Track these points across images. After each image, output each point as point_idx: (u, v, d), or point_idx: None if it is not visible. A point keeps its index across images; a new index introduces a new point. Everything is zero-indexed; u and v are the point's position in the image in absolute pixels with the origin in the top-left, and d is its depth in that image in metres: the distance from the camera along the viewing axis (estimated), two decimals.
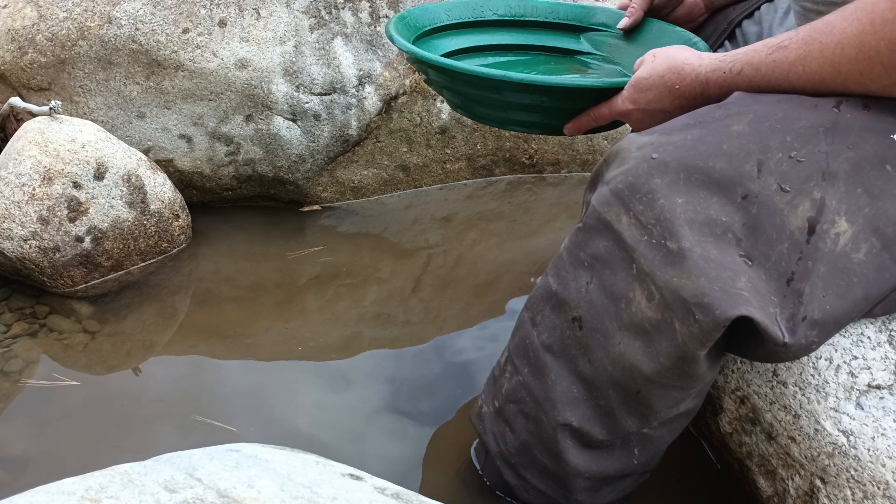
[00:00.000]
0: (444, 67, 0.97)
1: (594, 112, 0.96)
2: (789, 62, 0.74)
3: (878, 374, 0.77)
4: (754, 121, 0.73)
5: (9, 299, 1.25)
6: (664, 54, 0.87)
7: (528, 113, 1.00)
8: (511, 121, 1.03)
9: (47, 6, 1.41)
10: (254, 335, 1.22)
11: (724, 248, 0.70)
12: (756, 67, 0.77)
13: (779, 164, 0.71)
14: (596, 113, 0.96)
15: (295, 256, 1.42)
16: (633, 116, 0.91)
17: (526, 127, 1.05)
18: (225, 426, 1.03)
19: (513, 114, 1.01)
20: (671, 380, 0.74)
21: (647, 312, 0.72)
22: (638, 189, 0.73)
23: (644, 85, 0.87)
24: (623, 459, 0.83)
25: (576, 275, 0.79)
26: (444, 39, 1.18)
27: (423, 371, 1.16)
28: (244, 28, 1.43)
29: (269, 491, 0.53)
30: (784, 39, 0.75)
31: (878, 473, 0.74)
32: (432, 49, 1.13)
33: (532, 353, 0.83)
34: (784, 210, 0.70)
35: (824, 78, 0.73)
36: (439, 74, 1.01)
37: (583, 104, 0.97)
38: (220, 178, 1.51)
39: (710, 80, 0.81)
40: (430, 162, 1.64)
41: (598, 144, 1.75)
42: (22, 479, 0.94)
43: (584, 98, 0.96)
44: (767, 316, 0.68)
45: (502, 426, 0.88)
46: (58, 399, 1.07)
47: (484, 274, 1.40)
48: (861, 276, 0.70)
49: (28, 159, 1.24)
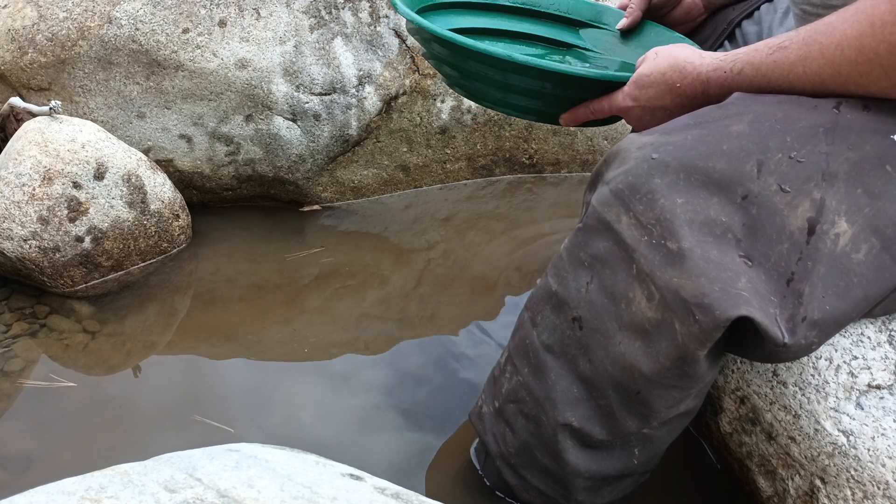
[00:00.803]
0: (450, 42, 0.95)
1: (593, 105, 0.96)
2: (789, 63, 0.74)
3: (878, 374, 0.77)
4: (754, 121, 0.73)
5: (9, 299, 1.25)
6: (666, 52, 0.87)
7: (527, 97, 0.99)
8: (508, 103, 1.02)
9: (47, 6, 1.41)
10: (254, 335, 1.22)
11: (724, 248, 0.70)
12: (756, 67, 0.77)
13: (779, 164, 0.71)
14: (595, 106, 0.96)
15: (295, 257, 1.42)
16: (633, 113, 0.91)
17: (522, 112, 1.04)
18: (223, 426, 1.03)
19: (512, 97, 1.00)
20: (671, 380, 0.74)
21: (647, 312, 0.72)
22: (638, 189, 0.73)
23: (645, 82, 0.87)
24: (623, 459, 0.83)
25: (576, 275, 0.79)
26: (442, 17, 1.17)
27: (423, 371, 1.16)
28: (244, 28, 1.43)
29: (269, 491, 0.53)
30: (784, 40, 0.75)
31: (878, 473, 0.74)
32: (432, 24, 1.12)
33: (532, 354, 0.83)
34: (784, 210, 0.70)
35: (824, 79, 0.73)
36: (443, 48, 1.00)
37: (584, 95, 0.96)
38: (220, 178, 1.51)
39: (710, 79, 0.81)
40: (430, 162, 1.64)
41: (598, 144, 1.75)
42: (22, 479, 0.94)
43: (586, 89, 0.95)
44: (767, 316, 0.68)
45: (502, 426, 0.88)
46: (57, 399, 1.07)
47: (484, 274, 1.40)
48: (861, 277, 0.70)
49: (28, 159, 1.24)
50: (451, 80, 1.10)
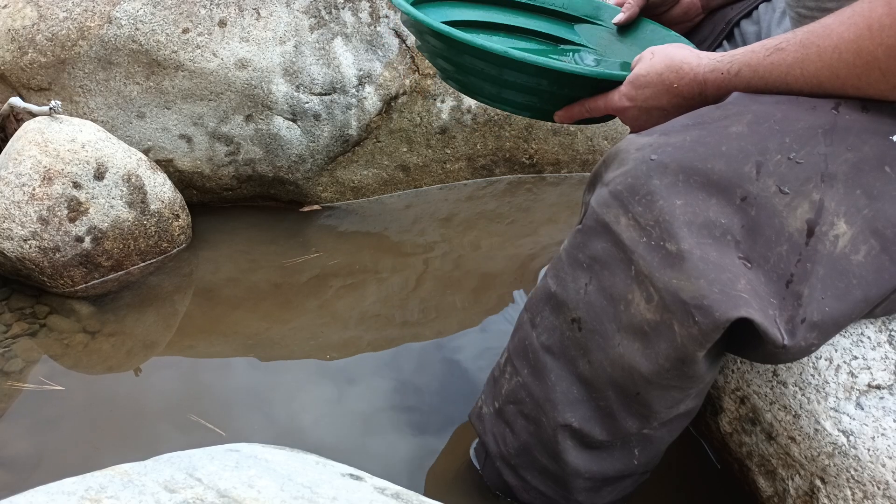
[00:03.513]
0: (445, 36, 0.94)
1: (589, 103, 0.95)
2: (787, 65, 0.74)
3: (878, 374, 0.77)
4: (753, 122, 0.73)
5: (9, 299, 1.25)
6: (663, 52, 0.86)
7: (522, 94, 0.98)
8: (503, 99, 1.01)
9: (47, 6, 1.41)
10: (254, 335, 1.22)
11: (723, 249, 0.70)
12: (754, 69, 0.77)
13: (777, 165, 0.71)
14: (591, 104, 0.95)
15: (295, 257, 1.42)
16: (630, 113, 0.91)
17: (516, 108, 1.03)
18: (214, 429, 1.03)
19: (507, 92, 0.99)
20: (670, 381, 0.74)
21: (646, 314, 0.72)
22: (637, 190, 0.73)
23: (642, 82, 0.87)
24: (623, 460, 0.83)
25: (575, 276, 0.79)
26: (437, 9, 1.16)
27: (423, 371, 1.16)
28: (244, 28, 1.43)
29: (269, 491, 0.53)
30: (781, 41, 0.75)
31: (878, 473, 0.74)
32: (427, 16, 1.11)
33: (532, 354, 0.83)
34: (783, 212, 0.70)
35: (822, 82, 0.73)
36: (438, 42, 0.99)
37: (579, 93, 0.95)
38: (220, 178, 1.51)
39: (707, 80, 0.81)
40: (430, 162, 1.64)
41: (598, 144, 1.75)
42: (22, 479, 0.94)
43: (583, 87, 0.94)
44: (767, 318, 0.68)
45: (502, 427, 0.88)
46: (57, 399, 1.07)
47: (484, 274, 1.40)
48: (860, 278, 0.70)
49: (28, 159, 1.24)
50: (445, 74, 1.09)
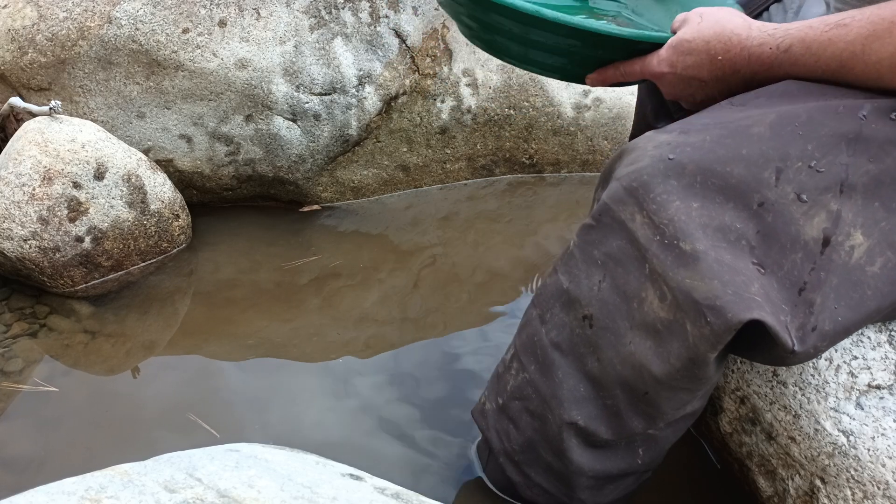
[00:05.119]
0: None
1: (625, 67, 0.88)
2: (847, 41, 0.70)
3: (878, 374, 0.77)
4: (776, 123, 0.72)
5: (9, 299, 1.25)
6: (713, 18, 0.80)
7: (552, 55, 0.91)
8: (531, 59, 0.93)
9: (47, 6, 1.41)
10: (254, 335, 1.22)
11: (737, 254, 0.69)
12: (808, 45, 0.73)
13: (797, 172, 0.70)
14: (626, 68, 0.88)
15: (294, 257, 1.42)
16: (667, 79, 0.84)
17: (545, 69, 0.95)
18: (212, 431, 1.03)
19: (535, 53, 0.91)
20: (680, 381, 0.73)
21: (660, 313, 0.72)
22: (653, 189, 0.72)
23: (685, 48, 0.81)
24: (627, 459, 0.83)
25: (588, 273, 0.78)
26: None
27: (424, 370, 1.16)
28: (244, 28, 1.43)
29: (269, 491, 0.53)
30: (846, 17, 0.71)
31: (878, 473, 0.74)
32: None
33: (540, 351, 0.83)
34: (800, 220, 0.70)
35: (882, 63, 0.68)
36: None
37: (615, 55, 0.88)
38: (220, 178, 1.51)
39: (754, 55, 0.77)
40: (430, 162, 1.64)
41: (598, 144, 1.75)
42: (22, 479, 0.94)
43: (619, 49, 0.87)
44: (778, 323, 0.67)
45: (506, 423, 0.88)
46: (57, 399, 1.07)
47: (484, 273, 1.40)
48: (875, 290, 0.70)
49: (28, 159, 1.24)
50: (469, 33, 1.00)
